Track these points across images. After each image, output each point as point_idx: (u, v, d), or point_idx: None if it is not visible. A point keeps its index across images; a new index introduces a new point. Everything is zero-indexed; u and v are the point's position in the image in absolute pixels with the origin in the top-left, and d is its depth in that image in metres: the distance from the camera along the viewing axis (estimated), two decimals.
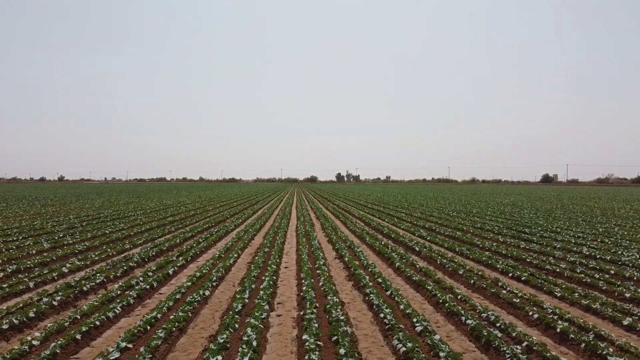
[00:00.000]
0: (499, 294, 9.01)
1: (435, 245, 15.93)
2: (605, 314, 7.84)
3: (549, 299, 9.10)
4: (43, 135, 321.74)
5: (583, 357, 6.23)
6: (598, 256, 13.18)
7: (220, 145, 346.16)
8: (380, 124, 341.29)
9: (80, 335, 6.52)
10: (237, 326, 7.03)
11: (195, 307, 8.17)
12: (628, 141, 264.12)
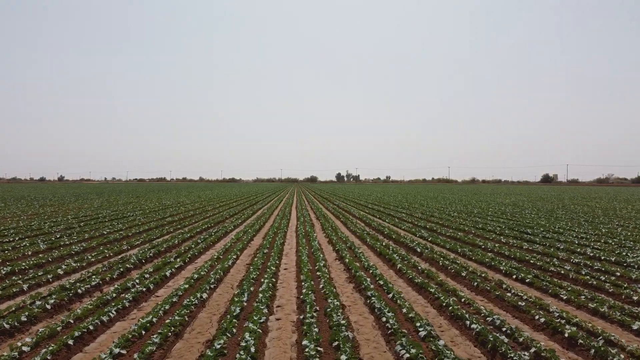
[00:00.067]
0: (504, 296, 8.80)
1: (437, 247, 15.72)
2: (613, 317, 7.62)
3: (555, 301, 8.88)
4: (43, 135, 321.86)
5: None
6: (602, 257, 12.97)
7: (220, 145, 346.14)
8: (380, 124, 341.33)
9: (72, 341, 6.31)
10: (235, 331, 6.82)
11: (192, 311, 7.96)
12: (628, 141, 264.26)
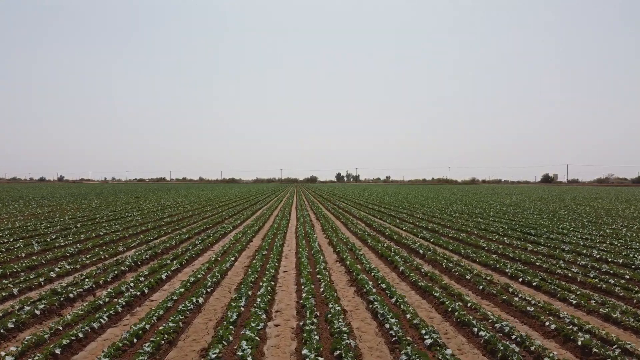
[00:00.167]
0: (511, 301, 8.49)
1: (440, 248, 15.41)
2: (626, 324, 7.31)
3: (564, 306, 8.57)
4: (43, 135, 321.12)
5: None
6: (610, 259, 12.67)
7: (220, 145, 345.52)
8: (380, 124, 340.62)
9: (60, 350, 5.99)
10: (231, 338, 6.51)
11: (188, 317, 7.65)
12: (628, 141, 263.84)
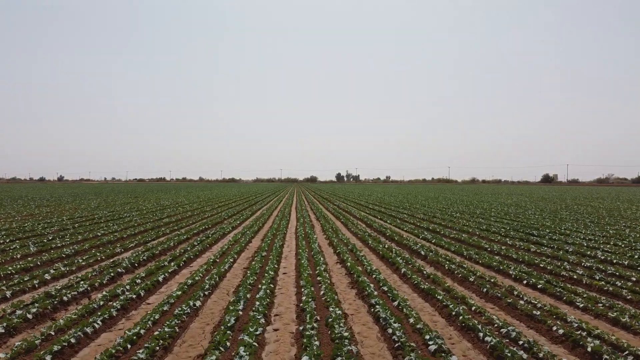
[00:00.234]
0: (516, 304, 8.28)
1: (442, 249, 15.19)
2: (636, 328, 7.09)
3: (571, 310, 8.35)
4: (43, 135, 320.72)
5: None
6: (614, 261, 12.46)
7: (220, 145, 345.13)
8: (380, 124, 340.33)
9: (50, 356, 5.77)
10: (228, 344, 6.30)
11: (184, 321, 7.44)
12: (628, 141, 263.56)
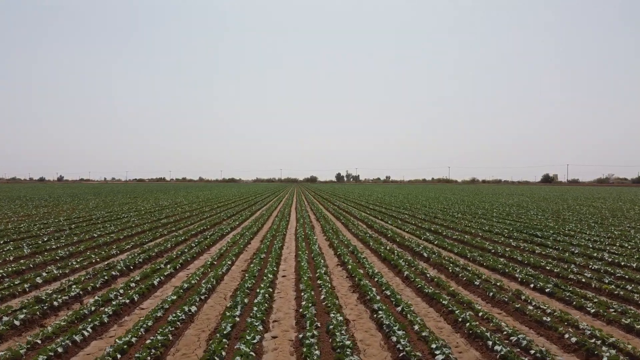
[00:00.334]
0: (524, 309, 7.96)
1: (445, 251, 14.87)
2: None
3: (582, 315, 8.03)
4: (43, 135, 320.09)
5: None
6: (622, 263, 12.14)
7: (220, 145, 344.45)
8: (380, 124, 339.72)
9: None
10: (224, 354, 5.98)
11: (179, 327, 7.12)
12: (628, 141, 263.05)
